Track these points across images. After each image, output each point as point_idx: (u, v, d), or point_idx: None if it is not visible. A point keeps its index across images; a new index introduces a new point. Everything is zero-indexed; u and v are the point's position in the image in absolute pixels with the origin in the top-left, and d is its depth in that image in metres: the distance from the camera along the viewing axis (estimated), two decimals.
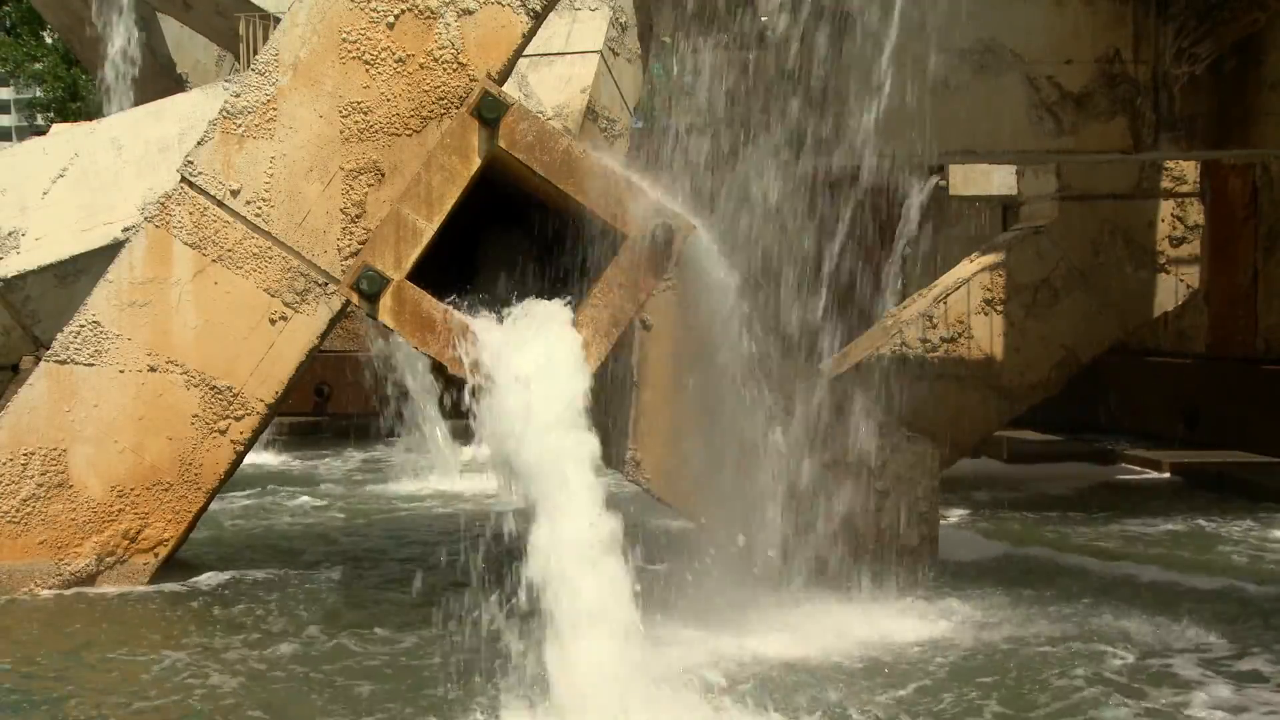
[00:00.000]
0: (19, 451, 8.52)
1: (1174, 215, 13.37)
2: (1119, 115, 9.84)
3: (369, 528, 11.17)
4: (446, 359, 7.19)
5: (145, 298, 8.62)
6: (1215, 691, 6.39)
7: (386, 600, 8.38)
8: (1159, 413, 15.95)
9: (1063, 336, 13.11)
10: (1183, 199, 13.41)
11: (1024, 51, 9.76)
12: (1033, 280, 13.09)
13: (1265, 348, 14.76)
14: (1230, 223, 14.96)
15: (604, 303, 7.32)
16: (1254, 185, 14.85)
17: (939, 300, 13.09)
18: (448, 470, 14.10)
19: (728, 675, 6.54)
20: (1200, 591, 8.63)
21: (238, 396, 8.63)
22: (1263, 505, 11.75)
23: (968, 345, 12.99)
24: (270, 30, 12.99)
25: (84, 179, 13.02)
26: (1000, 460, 14.67)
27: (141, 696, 6.43)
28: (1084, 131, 9.86)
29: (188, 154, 8.72)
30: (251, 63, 8.94)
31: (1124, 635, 7.38)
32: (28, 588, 8.42)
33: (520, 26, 8.47)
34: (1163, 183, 13.37)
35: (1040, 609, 8.00)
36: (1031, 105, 9.78)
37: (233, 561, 9.28)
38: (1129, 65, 9.79)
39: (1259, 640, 7.34)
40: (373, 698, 6.38)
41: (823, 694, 6.36)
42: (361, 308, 7.48)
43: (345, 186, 8.54)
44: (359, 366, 15.90)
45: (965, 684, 6.55)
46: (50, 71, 44.72)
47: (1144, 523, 11.13)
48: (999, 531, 10.85)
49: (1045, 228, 13.28)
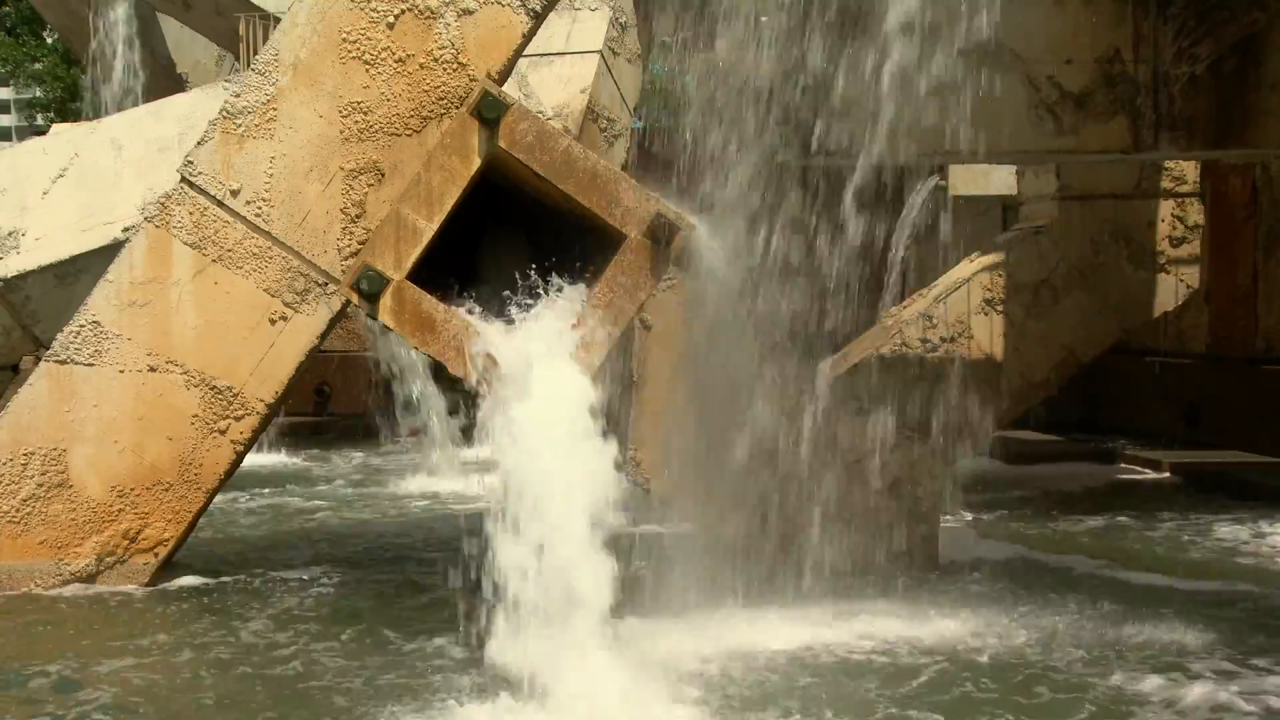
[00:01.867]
0: (19, 451, 8.52)
1: (1174, 215, 13.37)
2: (1119, 115, 9.83)
3: (369, 528, 11.17)
4: (447, 359, 7.19)
5: (145, 298, 8.62)
6: (1216, 692, 6.38)
7: (387, 600, 8.38)
8: (1159, 413, 15.95)
9: (1063, 336, 13.11)
10: (1183, 199, 13.41)
11: (1024, 51, 9.75)
12: (1033, 280, 13.09)
13: (1265, 348, 14.76)
14: (1230, 223, 14.96)
15: (604, 302, 7.32)
16: (1254, 185, 14.85)
17: (939, 300, 13.09)
18: (449, 470, 14.08)
19: (724, 675, 6.55)
20: (1200, 592, 8.63)
21: (238, 396, 8.62)
22: (1263, 505, 11.74)
23: (968, 345, 12.99)
24: (270, 30, 12.99)
25: (84, 179, 13.01)
26: (1000, 460, 14.67)
27: (140, 696, 6.44)
28: (1084, 131, 9.85)
29: (188, 154, 8.72)
30: (251, 63, 8.94)
31: (1124, 636, 7.38)
32: (28, 587, 8.41)
33: (520, 26, 8.47)
34: (1163, 183, 13.37)
35: (1040, 609, 7.99)
36: (1031, 105, 9.78)
37: (232, 562, 9.28)
38: (1129, 65, 9.78)
39: (1260, 640, 7.34)
40: (372, 697, 6.37)
41: (820, 694, 6.36)
42: (361, 308, 7.48)
43: (345, 186, 8.54)
44: (359, 366, 15.90)
45: (964, 685, 6.55)
46: (50, 71, 44.67)
47: (1144, 523, 11.13)
48: (999, 531, 10.85)
49: (1045, 228, 13.28)
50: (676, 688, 6.27)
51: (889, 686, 6.51)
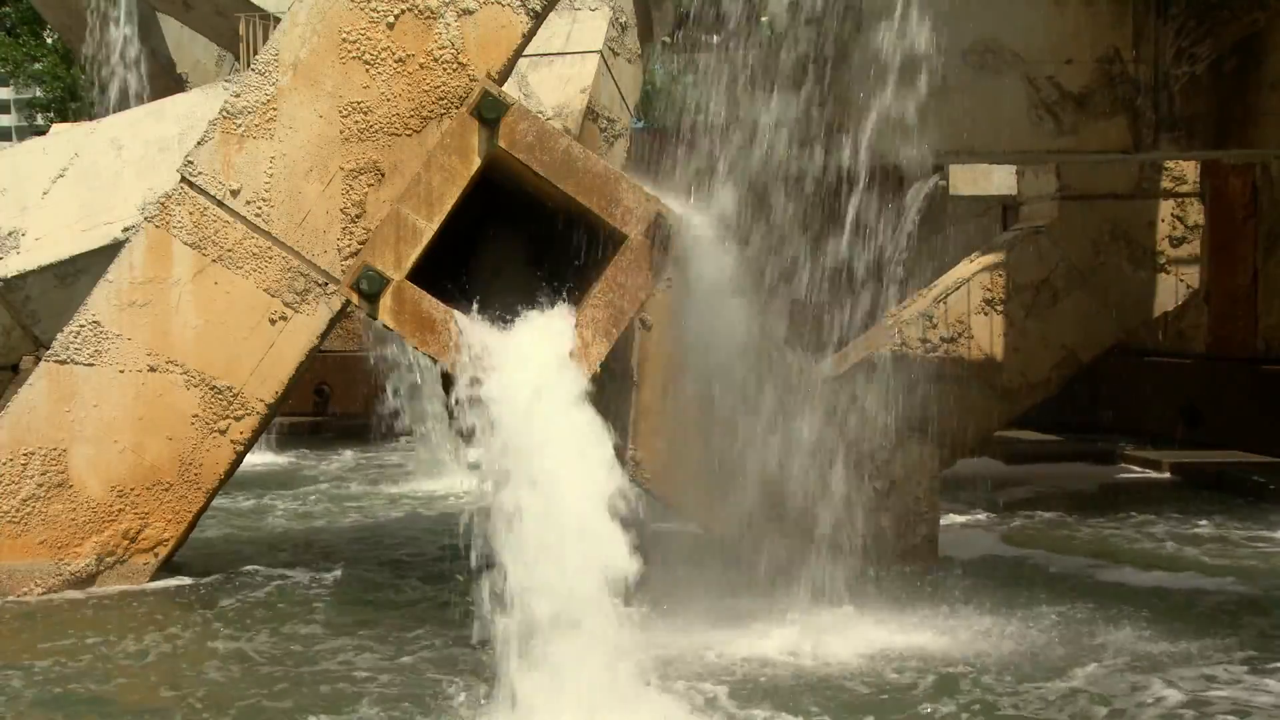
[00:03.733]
0: (19, 451, 8.52)
1: (1174, 215, 13.37)
2: (1119, 115, 9.84)
3: (369, 528, 11.17)
4: (447, 359, 7.19)
5: (145, 298, 8.62)
6: (1216, 692, 6.38)
7: (386, 600, 8.38)
8: (1159, 413, 15.95)
9: (1063, 336, 13.10)
10: (1183, 199, 13.40)
11: (1024, 51, 9.75)
12: (1033, 280, 13.08)
13: (1265, 348, 14.76)
14: (1230, 223, 14.96)
15: (604, 303, 7.32)
16: (1254, 185, 14.85)
17: (939, 300, 13.09)
18: (449, 470, 14.09)
19: (721, 676, 6.55)
20: (1200, 592, 8.63)
21: (238, 396, 8.62)
22: (1263, 505, 11.74)
23: (968, 345, 12.99)
24: (270, 30, 12.97)
25: (84, 179, 13.01)
26: (1000, 460, 14.67)
27: (138, 695, 6.43)
28: (1084, 131, 9.85)
29: (188, 154, 8.72)
30: (251, 63, 8.94)
31: (1125, 637, 7.38)
32: (28, 588, 8.41)
33: (520, 26, 8.47)
34: (1163, 183, 13.36)
35: (1040, 610, 7.99)
36: (1031, 105, 9.78)
37: (231, 562, 9.27)
38: (1129, 65, 9.79)
39: (1260, 641, 7.33)
40: (371, 696, 6.37)
41: (818, 695, 6.36)
42: (361, 308, 7.48)
43: (345, 186, 8.54)
44: (359, 366, 15.90)
45: (963, 685, 6.54)
46: (50, 71, 44.68)
47: (1144, 523, 11.13)
48: (999, 532, 10.85)
49: (1045, 228, 13.27)
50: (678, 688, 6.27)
51: (887, 688, 6.51)
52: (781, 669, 6.83)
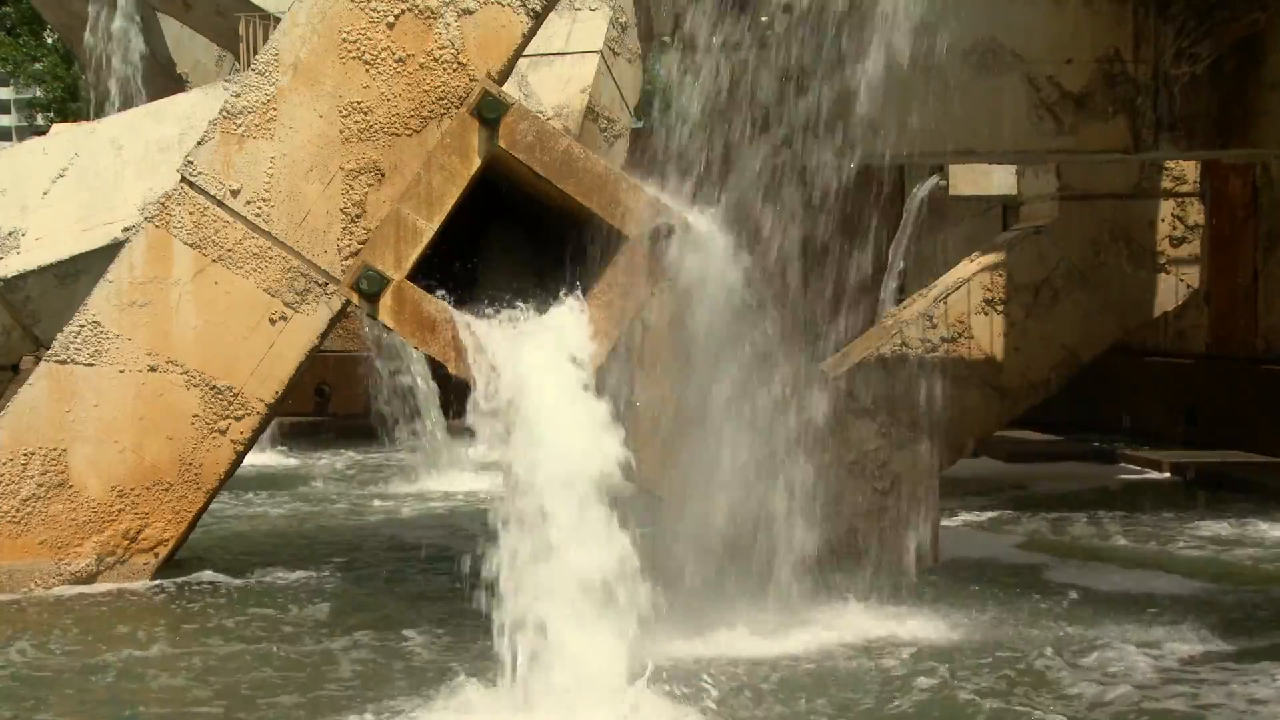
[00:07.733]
0: (19, 451, 8.52)
1: (1174, 215, 13.37)
2: (1119, 115, 9.84)
3: (368, 528, 11.17)
4: (447, 360, 7.19)
5: (145, 298, 8.62)
6: (1216, 693, 6.38)
7: (386, 600, 8.38)
8: (1159, 413, 15.95)
9: (1063, 336, 13.11)
10: (1183, 199, 13.41)
11: (1024, 51, 9.75)
12: (1033, 280, 13.09)
13: (1265, 348, 14.75)
14: (1230, 223, 14.97)
15: (605, 302, 7.32)
16: (1254, 185, 14.86)
17: (939, 300, 13.09)
18: (449, 470, 14.10)
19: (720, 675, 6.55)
20: (1200, 592, 8.63)
21: (238, 396, 8.63)
22: (1263, 505, 11.74)
23: (968, 345, 12.99)
24: (270, 30, 12.98)
25: (84, 179, 13.02)
26: (1000, 460, 14.67)
27: (136, 694, 6.44)
28: (1084, 131, 9.85)
29: (188, 154, 8.72)
30: (251, 63, 8.94)
31: (1125, 637, 7.36)
32: (28, 588, 8.42)
33: (520, 26, 8.47)
34: (1163, 183, 13.36)
35: (1040, 610, 7.99)
36: (1031, 105, 9.78)
37: (231, 562, 9.28)
38: (1129, 65, 9.79)
39: (1260, 641, 7.34)
40: (372, 694, 6.37)
41: (817, 696, 6.36)
42: (361, 308, 7.48)
43: (345, 186, 8.54)
44: (359, 366, 15.90)
45: (963, 686, 6.54)
46: (50, 71, 44.72)
47: (1143, 523, 11.13)
48: (999, 531, 10.85)
49: (1045, 228, 13.28)
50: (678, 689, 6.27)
51: (886, 689, 6.51)
52: (776, 669, 6.83)
